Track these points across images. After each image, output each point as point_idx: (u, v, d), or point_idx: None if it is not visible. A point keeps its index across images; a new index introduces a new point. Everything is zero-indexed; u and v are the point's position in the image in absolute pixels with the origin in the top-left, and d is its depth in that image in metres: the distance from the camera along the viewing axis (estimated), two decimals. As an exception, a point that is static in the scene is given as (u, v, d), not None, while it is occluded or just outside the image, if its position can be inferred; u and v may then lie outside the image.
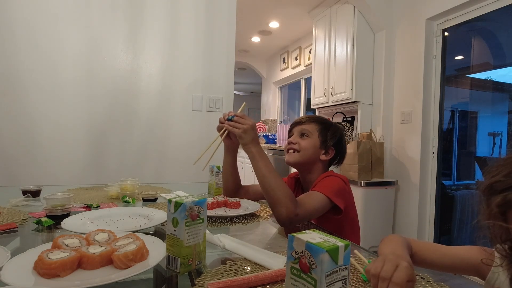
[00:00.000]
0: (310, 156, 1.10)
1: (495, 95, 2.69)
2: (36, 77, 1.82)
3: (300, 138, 1.12)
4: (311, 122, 1.13)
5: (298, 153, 1.10)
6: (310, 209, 0.90)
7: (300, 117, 1.19)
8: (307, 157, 1.10)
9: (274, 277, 0.54)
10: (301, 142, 1.11)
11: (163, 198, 1.21)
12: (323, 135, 1.12)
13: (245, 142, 0.96)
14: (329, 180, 1.02)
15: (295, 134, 1.14)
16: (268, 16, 4.01)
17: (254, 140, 0.97)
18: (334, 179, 1.03)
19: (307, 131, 1.12)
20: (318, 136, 1.11)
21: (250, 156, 0.95)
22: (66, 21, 1.87)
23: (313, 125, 1.12)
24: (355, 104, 3.12)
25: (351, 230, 1.09)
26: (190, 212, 0.56)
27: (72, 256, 0.52)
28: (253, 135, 0.97)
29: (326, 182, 1.00)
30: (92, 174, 1.92)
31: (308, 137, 1.11)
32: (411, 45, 2.76)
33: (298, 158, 1.10)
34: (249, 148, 0.96)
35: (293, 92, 5.77)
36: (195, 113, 2.16)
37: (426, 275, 0.58)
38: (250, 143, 0.96)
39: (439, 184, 2.71)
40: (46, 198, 0.93)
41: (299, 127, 1.14)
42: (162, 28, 2.06)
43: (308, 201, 0.92)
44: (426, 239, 2.73)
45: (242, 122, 0.97)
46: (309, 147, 1.10)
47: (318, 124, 1.13)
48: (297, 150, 1.10)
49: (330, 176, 1.04)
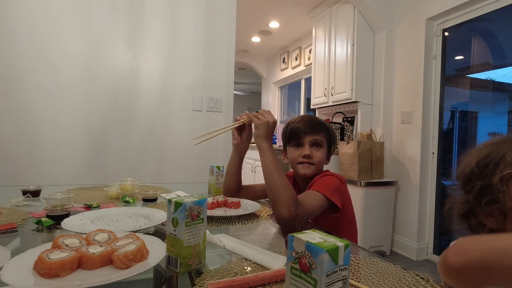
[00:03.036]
0: (321, 167, 1.11)
1: (495, 95, 2.69)
2: (36, 77, 1.82)
3: (314, 149, 1.09)
4: (321, 131, 1.10)
5: (314, 166, 1.08)
6: (309, 209, 0.91)
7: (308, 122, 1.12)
8: (319, 168, 1.10)
9: (274, 277, 0.54)
10: (316, 154, 1.08)
11: (163, 198, 1.21)
12: (329, 142, 1.13)
13: (259, 134, 0.98)
14: (326, 179, 1.02)
15: (307, 146, 1.09)
16: (268, 16, 4.01)
17: (268, 136, 0.98)
18: (331, 178, 1.04)
19: (320, 142, 1.10)
20: (326, 146, 1.12)
21: (260, 150, 0.97)
22: (66, 21, 1.87)
23: (323, 135, 1.11)
24: (355, 104, 3.12)
25: (348, 229, 1.09)
26: (190, 212, 0.56)
27: (72, 256, 0.52)
28: (269, 131, 0.99)
29: (323, 181, 1.01)
30: (92, 174, 1.92)
31: (321, 148, 1.10)
32: (411, 45, 2.76)
33: (315, 170, 1.09)
34: (262, 142, 0.97)
35: (293, 92, 5.77)
36: (195, 113, 2.16)
37: (426, 275, 0.58)
38: (264, 136, 0.98)
39: (439, 184, 2.71)
40: (46, 198, 0.93)
41: (311, 137, 1.09)
42: (162, 28, 2.06)
43: (307, 201, 0.92)
44: (426, 239, 2.74)
45: (265, 115, 1.01)
46: (323, 158, 1.10)
47: (326, 132, 1.12)
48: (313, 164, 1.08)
49: (327, 176, 1.05)
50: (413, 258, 2.71)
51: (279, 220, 0.88)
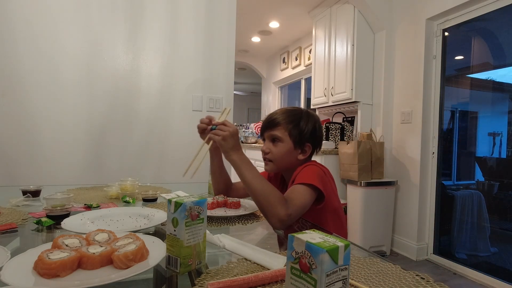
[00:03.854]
0: (286, 162, 1.07)
1: (495, 95, 2.69)
2: (36, 77, 1.82)
3: (272, 144, 1.07)
4: (279, 125, 1.05)
5: (272, 163, 1.06)
6: (299, 204, 0.89)
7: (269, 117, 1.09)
8: (283, 164, 1.07)
9: (274, 277, 0.54)
10: (273, 150, 1.06)
11: (163, 198, 1.21)
12: (295, 134, 1.05)
13: (225, 150, 0.93)
14: (306, 169, 0.99)
15: (266, 141, 1.08)
16: (268, 16, 4.01)
17: (235, 147, 0.93)
18: (311, 167, 1.00)
19: (276, 136, 1.05)
20: (290, 137, 1.05)
21: (233, 164, 0.92)
22: (66, 21, 1.87)
23: (281, 128, 1.05)
24: (355, 104, 3.12)
25: (334, 222, 1.04)
26: (190, 212, 0.56)
27: (72, 256, 0.52)
28: (233, 143, 0.92)
29: (304, 173, 0.98)
30: (92, 174, 1.92)
31: (280, 142, 1.05)
32: (411, 45, 2.76)
33: (274, 167, 1.07)
34: (230, 156, 0.92)
35: (293, 92, 5.77)
36: (195, 113, 2.16)
37: (426, 275, 0.58)
38: (231, 150, 0.92)
39: (439, 184, 2.71)
40: (46, 198, 0.93)
41: (268, 133, 1.07)
42: (162, 28, 2.06)
43: (294, 197, 0.90)
44: (426, 239, 2.74)
45: (222, 129, 0.93)
46: (282, 153, 1.05)
47: (287, 124, 1.05)
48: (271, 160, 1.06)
49: (307, 166, 1.01)
50: (413, 258, 2.71)
51: (274, 225, 0.86)
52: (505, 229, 2.44)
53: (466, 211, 2.61)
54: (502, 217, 2.45)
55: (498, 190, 2.47)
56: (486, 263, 2.45)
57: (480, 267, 2.41)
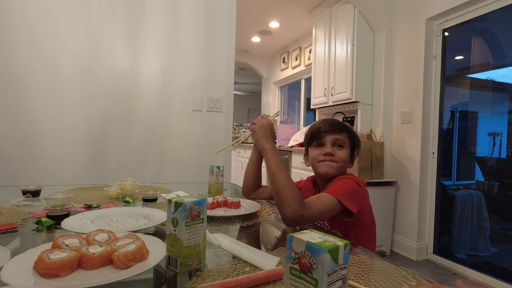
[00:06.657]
0: (344, 168, 1.08)
1: (495, 95, 2.69)
2: (37, 77, 1.82)
3: (336, 148, 1.06)
4: (343, 132, 1.07)
5: (337, 164, 1.05)
6: (316, 210, 0.88)
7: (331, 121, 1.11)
8: (343, 169, 1.07)
9: (267, 277, 0.54)
10: (339, 153, 1.05)
11: (163, 198, 1.21)
12: (352, 147, 1.09)
13: (258, 138, 1.02)
14: (342, 181, 0.98)
15: (329, 144, 1.06)
16: (268, 16, 4.01)
17: (267, 136, 1.02)
18: (348, 181, 0.98)
19: (342, 142, 1.07)
20: (349, 146, 1.08)
21: (263, 152, 0.99)
22: (66, 21, 1.87)
23: (345, 135, 1.08)
24: (355, 104, 3.12)
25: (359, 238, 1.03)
26: (190, 212, 0.56)
27: (72, 256, 0.52)
28: (266, 132, 1.02)
29: (339, 184, 0.97)
30: (92, 174, 1.92)
31: (344, 148, 1.07)
32: (411, 45, 2.76)
33: (338, 170, 1.06)
34: (262, 144, 1.00)
35: (293, 92, 5.77)
36: (195, 113, 2.16)
37: (426, 276, 0.58)
38: (263, 138, 1.01)
39: (439, 184, 2.71)
40: (46, 198, 0.93)
41: (333, 136, 1.06)
42: (162, 28, 2.06)
43: (316, 203, 0.89)
44: (426, 239, 2.74)
45: (259, 119, 1.06)
46: (344, 158, 1.06)
47: (348, 134, 1.09)
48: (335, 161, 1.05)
49: (344, 178, 1.00)
50: (413, 258, 2.71)
51: (284, 220, 0.86)
52: (505, 229, 2.44)
53: (466, 211, 2.61)
54: (502, 217, 2.45)
55: (498, 190, 2.47)
56: (486, 263, 2.45)
57: (480, 267, 2.41)
